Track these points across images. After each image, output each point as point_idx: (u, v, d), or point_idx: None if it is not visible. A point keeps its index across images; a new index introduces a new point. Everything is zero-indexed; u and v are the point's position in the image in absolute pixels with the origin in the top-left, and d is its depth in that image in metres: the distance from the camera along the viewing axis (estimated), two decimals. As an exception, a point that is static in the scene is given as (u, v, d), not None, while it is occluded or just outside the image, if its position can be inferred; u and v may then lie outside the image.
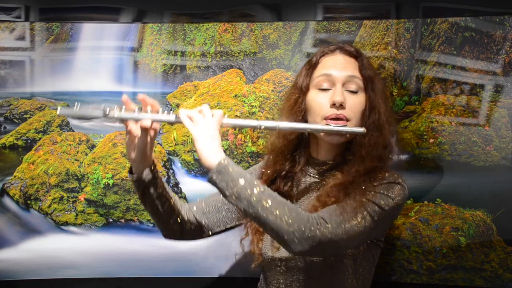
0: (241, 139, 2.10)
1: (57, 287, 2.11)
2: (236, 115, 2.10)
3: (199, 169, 2.11)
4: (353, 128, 1.43)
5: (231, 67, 2.14)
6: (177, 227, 1.53)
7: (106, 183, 2.11)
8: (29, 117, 2.16)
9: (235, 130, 2.11)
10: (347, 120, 1.43)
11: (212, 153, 1.30)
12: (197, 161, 2.12)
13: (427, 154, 1.95)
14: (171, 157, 2.14)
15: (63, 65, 2.17)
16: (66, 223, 2.12)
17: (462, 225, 1.91)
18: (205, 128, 1.31)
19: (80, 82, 2.17)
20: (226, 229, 1.62)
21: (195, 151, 2.12)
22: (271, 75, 2.11)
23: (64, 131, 2.16)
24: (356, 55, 1.51)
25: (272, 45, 2.11)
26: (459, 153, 1.94)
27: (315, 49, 2.08)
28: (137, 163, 1.42)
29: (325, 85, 1.46)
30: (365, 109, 1.45)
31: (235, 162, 2.07)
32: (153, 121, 1.37)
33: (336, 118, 1.42)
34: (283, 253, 1.46)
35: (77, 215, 2.12)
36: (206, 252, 2.08)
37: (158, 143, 2.15)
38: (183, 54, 2.16)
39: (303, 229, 1.26)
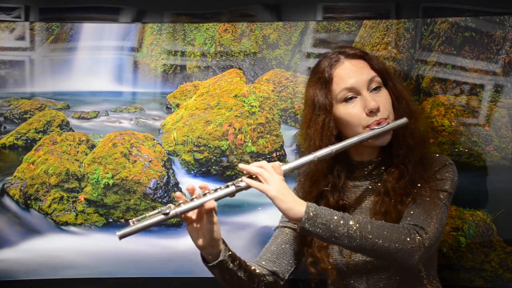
0: (241, 139, 2.10)
1: (57, 287, 2.11)
2: (236, 115, 2.10)
3: (199, 169, 2.11)
4: (396, 122, 1.45)
5: (231, 67, 2.14)
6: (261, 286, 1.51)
7: (106, 183, 2.11)
8: (29, 117, 2.16)
9: (235, 130, 2.11)
10: (386, 119, 1.45)
11: (295, 205, 1.30)
12: (197, 161, 2.12)
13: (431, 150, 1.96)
14: (171, 157, 2.13)
15: (63, 65, 2.17)
16: (66, 223, 2.12)
17: (462, 225, 1.91)
18: (277, 186, 1.31)
19: (80, 82, 2.17)
20: (297, 265, 1.61)
21: (195, 151, 2.12)
22: (271, 75, 2.11)
23: (64, 131, 2.16)
24: (362, 54, 1.51)
25: (272, 45, 2.11)
26: (459, 153, 1.94)
27: (315, 49, 2.08)
28: (210, 248, 1.37)
29: (351, 95, 1.47)
30: (393, 101, 1.48)
31: (235, 162, 2.08)
32: (216, 200, 1.30)
33: (378, 123, 1.44)
34: (358, 256, 1.48)
35: (77, 215, 2.12)
36: (206, 252, 2.08)
37: (158, 143, 2.15)
38: (183, 54, 2.16)
39: (407, 243, 1.30)
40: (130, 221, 1.21)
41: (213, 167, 2.11)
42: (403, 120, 1.44)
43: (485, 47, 1.93)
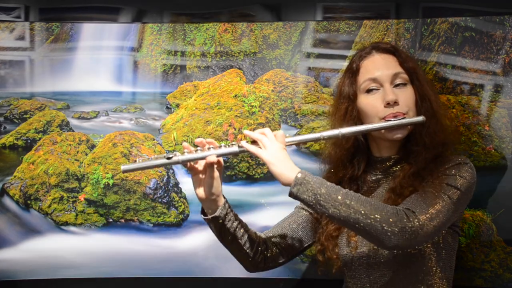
0: (241, 139, 2.09)
1: (57, 287, 2.11)
2: (236, 115, 2.10)
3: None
4: (412, 118, 1.45)
5: (231, 67, 2.14)
6: (259, 258, 1.55)
7: (106, 183, 2.11)
8: (29, 117, 2.16)
9: (235, 130, 2.11)
10: (404, 114, 1.45)
11: (287, 170, 1.32)
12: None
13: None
14: (171, 157, 2.13)
15: (63, 65, 2.17)
16: (66, 223, 2.12)
17: (462, 225, 1.91)
18: (273, 151, 1.34)
19: (80, 82, 2.17)
20: (304, 248, 1.64)
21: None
22: (271, 75, 2.11)
23: (64, 131, 2.16)
24: (393, 50, 1.52)
25: (272, 45, 2.11)
26: (459, 153, 1.94)
27: (315, 49, 2.09)
28: (209, 201, 1.43)
29: (373, 87, 1.48)
30: (416, 99, 1.47)
31: (235, 162, 2.08)
32: (218, 156, 1.37)
33: (394, 116, 1.44)
34: (363, 250, 1.48)
35: (77, 215, 2.12)
36: (206, 252, 2.08)
37: (158, 143, 2.15)
38: (183, 54, 2.16)
39: (394, 223, 1.28)
40: (136, 159, 1.28)
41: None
42: (420, 118, 1.45)
43: (485, 47, 1.93)
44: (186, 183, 2.12)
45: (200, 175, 1.40)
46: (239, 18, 2.14)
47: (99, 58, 2.18)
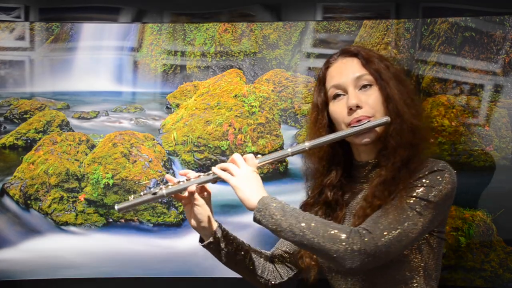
0: (241, 139, 2.10)
1: (57, 287, 2.11)
2: (236, 115, 2.10)
3: (199, 169, 2.11)
4: (376, 121, 1.43)
5: (231, 67, 2.14)
6: (268, 276, 1.58)
7: (106, 183, 2.11)
8: (29, 117, 2.16)
9: (235, 130, 2.11)
10: (369, 117, 1.43)
11: (251, 195, 1.36)
12: (197, 161, 2.12)
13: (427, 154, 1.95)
14: (171, 157, 2.13)
15: (63, 65, 2.17)
16: (66, 223, 2.12)
17: (462, 225, 1.91)
18: (241, 176, 1.38)
19: (80, 82, 2.17)
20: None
21: (195, 151, 2.12)
22: (271, 75, 2.11)
23: (64, 131, 2.16)
24: (355, 52, 1.50)
25: (272, 45, 2.11)
26: (459, 153, 1.94)
27: (315, 49, 2.08)
28: (201, 229, 1.49)
29: (339, 93, 1.47)
30: (383, 100, 1.46)
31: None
32: (197, 185, 1.44)
33: (358, 121, 1.43)
34: None
35: (77, 215, 2.12)
36: (206, 252, 2.08)
37: (158, 143, 2.15)
38: (183, 54, 2.16)
39: (348, 244, 1.28)
40: (130, 197, 1.38)
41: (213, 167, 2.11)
42: (384, 119, 1.40)
43: (485, 47, 1.93)
44: (186, 183, 2.12)
45: (187, 207, 1.47)
46: (239, 18, 2.14)
47: (99, 58, 2.18)
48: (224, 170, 1.41)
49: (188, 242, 2.10)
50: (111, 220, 2.12)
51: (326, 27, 2.08)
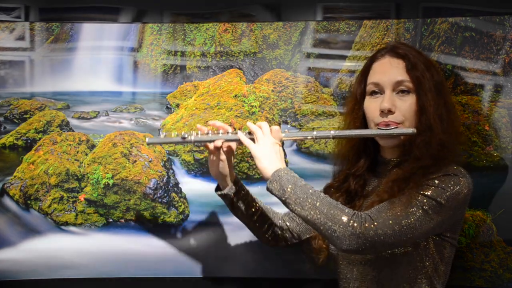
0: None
1: (57, 287, 2.11)
2: (236, 115, 2.10)
3: (199, 169, 2.11)
4: (402, 129, 1.44)
5: (231, 67, 2.14)
6: (270, 236, 1.67)
7: (106, 183, 2.11)
8: (29, 117, 2.16)
9: (235, 129, 2.11)
10: (398, 124, 1.44)
11: (269, 165, 1.42)
12: (197, 161, 2.12)
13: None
14: (171, 157, 2.14)
15: (63, 65, 2.17)
16: (66, 223, 2.12)
17: (462, 225, 1.91)
18: (264, 145, 1.44)
19: (80, 82, 2.17)
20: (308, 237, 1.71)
21: (195, 151, 2.12)
22: (271, 75, 2.11)
23: (64, 131, 2.16)
24: (403, 55, 1.49)
25: (272, 45, 2.11)
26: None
27: (315, 49, 2.09)
28: (219, 179, 1.62)
29: (376, 90, 1.48)
30: (417, 109, 1.45)
31: (235, 162, 2.07)
32: (223, 141, 1.54)
33: (386, 125, 1.44)
34: None
35: (77, 215, 2.12)
36: (206, 252, 2.08)
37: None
38: (183, 54, 2.16)
39: (348, 226, 1.31)
40: (161, 134, 1.57)
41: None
42: (410, 130, 1.43)
43: (485, 47, 1.93)
44: (186, 183, 2.12)
45: (212, 156, 1.59)
46: (239, 18, 2.14)
47: (99, 58, 2.18)
48: (250, 133, 1.49)
49: (188, 242, 2.10)
50: (111, 220, 2.12)
51: (326, 27, 2.08)
